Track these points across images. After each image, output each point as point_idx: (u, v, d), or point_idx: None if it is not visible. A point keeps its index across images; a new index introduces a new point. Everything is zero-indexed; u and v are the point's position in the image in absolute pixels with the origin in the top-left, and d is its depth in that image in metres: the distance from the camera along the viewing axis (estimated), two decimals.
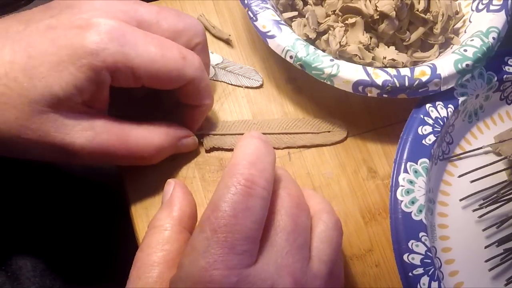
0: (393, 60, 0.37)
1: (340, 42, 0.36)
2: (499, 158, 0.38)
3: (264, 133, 0.35)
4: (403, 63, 0.37)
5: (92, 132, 0.28)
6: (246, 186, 0.24)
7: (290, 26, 0.38)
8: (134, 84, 0.29)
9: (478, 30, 0.38)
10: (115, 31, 0.27)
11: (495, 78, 0.39)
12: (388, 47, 0.38)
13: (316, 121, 0.37)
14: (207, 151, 0.35)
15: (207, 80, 0.31)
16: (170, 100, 0.34)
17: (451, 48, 0.39)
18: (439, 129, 0.35)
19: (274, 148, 0.34)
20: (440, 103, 0.36)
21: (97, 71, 0.26)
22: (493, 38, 0.37)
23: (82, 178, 0.42)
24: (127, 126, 0.30)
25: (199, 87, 0.31)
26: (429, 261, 0.32)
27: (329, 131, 0.36)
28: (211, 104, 0.33)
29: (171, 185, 0.29)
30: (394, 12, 0.36)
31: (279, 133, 0.36)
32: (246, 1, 0.36)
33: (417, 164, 0.34)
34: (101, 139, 0.28)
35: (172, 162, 0.35)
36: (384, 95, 0.35)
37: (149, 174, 0.35)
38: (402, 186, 0.33)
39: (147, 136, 0.30)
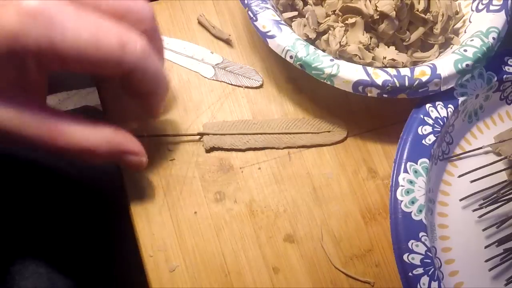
0: (393, 60, 0.37)
1: (340, 42, 0.36)
2: (499, 158, 0.38)
3: (264, 133, 0.35)
4: (403, 63, 0.37)
5: (19, 120, 0.25)
6: None
7: (290, 26, 0.38)
8: (65, 69, 0.26)
9: (478, 30, 0.38)
10: (39, 10, 0.23)
11: (495, 78, 0.39)
12: (388, 47, 0.38)
13: (316, 121, 0.37)
14: (207, 151, 0.35)
15: (155, 68, 0.28)
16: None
17: (451, 48, 0.39)
18: (439, 129, 0.35)
19: (274, 148, 0.35)
20: (440, 103, 0.36)
21: (16, 55, 0.23)
22: (493, 38, 0.37)
23: (81, 178, 0.42)
24: (65, 120, 0.27)
25: (142, 78, 0.27)
26: (429, 261, 0.32)
27: (329, 131, 0.36)
28: (165, 91, 0.30)
29: None
30: (394, 12, 0.36)
31: (279, 133, 0.36)
32: (246, 1, 0.36)
33: (417, 164, 0.34)
34: (29, 127, 0.25)
35: (172, 161, 0.35)
36: (384, 95, 0.35)
37: (149, 174, 0.35)
38: (402, 186, 0.33)
39: (82, 140, 0.27)
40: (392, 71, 0.35)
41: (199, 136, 0.35)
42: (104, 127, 0.28)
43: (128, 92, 0.29)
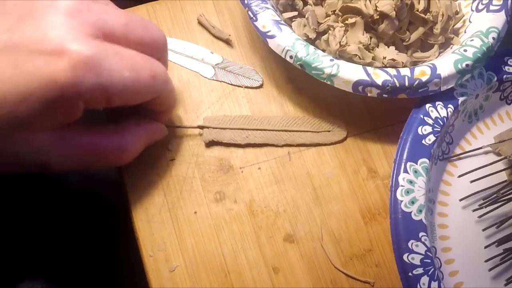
0: (393, 60, 0.37)
1: (340, 42, 0.36)
2: (499, 158, 0.38)
3: (263, 129, 0.36)
4: (403, 63, 0.37)
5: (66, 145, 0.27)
6: None
7: (290, 26, 0.38)
8: (106, 105, 0.27)
9: (478, 30, 0.38)
10: (90, 60, 0.24)
11: (495, 78, 0.39)
12: (388, 47, 0.38)
13: (316, 120, 0.37)
14: (206, 145, 0.36)
15: (171, 87, 0.31)
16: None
17: (451, 48, 0.39)
18: (439, 129, 0.35)
19: (273, 145, 0.35)
20: (440, 103, 0.37)
21: (71, 103, 0.25)
22: (493, 38, 0.37)
23: (81, 181, 0.42)
24: (98, 134, 0.29)
25: (166, 98, 0.31)
26: (429, 261, 0.32)
27: (329, 131, 0.36)
28: (175, 106, 0.33)
29: None
30: (394, 12, 0.36)
31: (279, 130, 0.36)
32: (246, 1, 0.36)
33: (417, 164, 0.34)
34: (76, 156, 0.28)
35: (172, 161, 0.35)
36: (384, 95, 0.35)
37: (149, 174, 0.35)
38: (402, 186, 0.33)
39: (121, 144, 0.30)
40: (392, 71, 0.35)
41: (199, 130, 0.36)
42: (130, 126, 0.31)
43: (145, 111, 0.32)
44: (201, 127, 0.35)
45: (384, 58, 0.37)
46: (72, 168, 0.29)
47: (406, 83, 0.34)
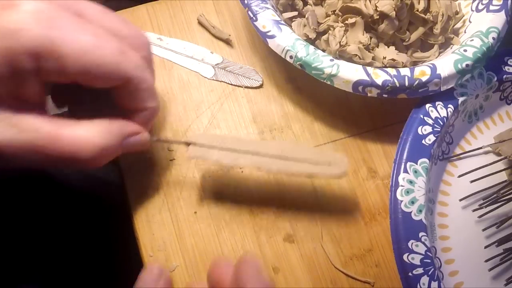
0: (393, 60, 0.37)
1: (340, 42, 0.36)
2: (499, 158, 0.38)
3: (255, 154, 0.32)
4: (403, 63, 0.37)
5: (16, 129, 0.24)
6: None
7: (290, 26, 0.38)
8: (63, 78, 0.25)
9: (478, 30, 0.38)
10: (41, 11, 0.23)
11: (495, 78, 0.39)
12: (388, 47, 0.38)
13: (317, 150, 0.33)
14: (191, 159, 0.33)
15: (150, 82, 0.28)
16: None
17: (451, 48, 0.39)
18: (439, 129, 0.35)
19: (263, 171, 0.31)
20: (440, 103, 0.36)
21: (15, 55, 0.23)
22: (493, 38, 0.37)
23: (80, 183, 0.42)
24: (63, 123, 0.26)
25: (138, 88, 0.27)
26: (429, 261, 0.32)
27: (329, 164, 0.32)
28: (156, 109, 0.30)
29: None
30: (394, 12, 0.36)
31: (273, 157, 0.31)
32: (246, 1, 0.36)
33: (417, 164, 0.34)
34: (27, 138, 0.25)
35: (172, 161, 0.35)
36: (384, 95, 0.35)
37: (149, 174, 0.35)
38: (402, 186, 0.33)
39: (85, 135, 0.26)
40: (392, 71, 0.35)
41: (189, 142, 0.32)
42: (97, 120, 0.28)
43: (121, 104, 0.29)
44: (188, 143, 0.32)
45: (384, 58, 0.37)
46: (26, 159, 0.26)
47: (406, 83, 0.34)
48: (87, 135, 0.26)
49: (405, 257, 0.32)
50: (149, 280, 0.28)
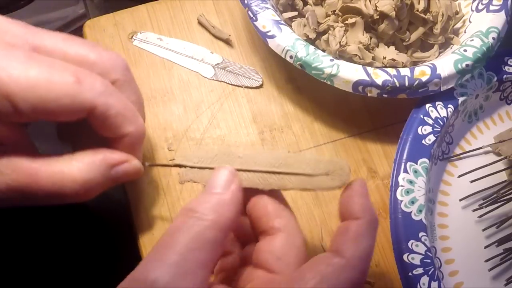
0: (393, 60, 0.37)
1: (340, 42, 0.36)
2: (499, 158, 0.38)
3: (247, 170, 0.28)
4: (403, 63, 0.37)
5: None
6: None
7: (290, 26, 0.38)
8: (23, 117, 0.24)
9: (478, 30, 0.38)
10: None
11: (495, 78, 0.39)
12: (388, 47, 0.38)
13: (313, 159, 0.29)
14: (183, 183, 0.30)
15: (121, 105, 0.26)
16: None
17: (451, 48, 0.39)
18: (439, 129, 0.35)
19: (258, 189, 0.28)
20: (440, 103, 0.36)
21: None
22: (493, 38, 0.37)
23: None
24: (40, 160, 0.25)
25: (107, 115, 0.25)
26: (429, 261, 0.32)
27: (327, 174, 0.28)
28: (138, 132, 0.28)
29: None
30: (394, 12, 0.36)
31: (265, 172, 0.28)
32: (246, 1, 0.36)
33: (417, 164, 0.34)
34: (3, 179, 0.24)
35: (172, 161, 0.35)
36: (384, 95, 0.35)
37: (149, 174, 0.35)
38: (402, 186, 0.33)
39: (64, 171, 0.25)
40: (392, 71, 0.35)
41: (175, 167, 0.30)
42: (80, 152, 0.27)
43: (100, 134, 0.27)
44: (178, 166, 0.30)
45: (384, 58, 0.37)
46: (10, 200, 0.25)
47: (406, 83, 0.34)
48: (66, 170, 0.25)
49: (405, 257, 0.32)
50: (220, 182, 0.25)
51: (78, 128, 0.28)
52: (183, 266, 0.21)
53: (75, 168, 0.25)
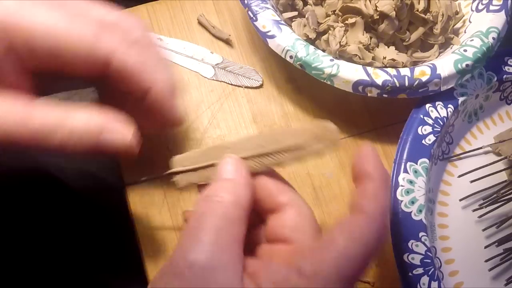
0: (393, 60, 0.37)
1: (340, 42, 0.36)
2: (499, 158, 0.38)
3: (241, 156, 0.28)
4: (403, 63, 0.37)
5: None
6: None
7: (290, 26, 0.38)
8: (36, 61, 0.24)
9: (478, 30, 0.38)
10: None
11: (495, 78, 0.39)
12: (388, 47, 0.38)
13: (298, 129, 0.28)
14: (183, 187, 0.30)
15: (139, 58, 0.26)
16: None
17: (451, 48, 0.39)
18: (439, 129, 0.35)
19: (257, 173, 0.28)
20: (440, 103, 0.36)
21: None
22: (493, 38, 0.37)
23: (80, 180, 0.42)
24: (37, 105, 0.24)
25: (126, 66, 0.25)
26: (429, 261, 0.32)
27: (316, 139, 0.27)
28: (163, 83, 0.27)
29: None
30: (394, 12, 0.36)
31: (258, 155, 0.28)
32: (246, 1, 0.36)
33: (417, 164, 0.34)
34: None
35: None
36: (384, 95, 0.35)
37: (149, 174, 0.35)
38: (402, 186, 0.33)
39: (59, 118, 0.24)
40: (392, 71, 0.35)
41: (168, 176, 0.29)
42: (83, 109, 0.25)
43: (122, 92, 0.26)
44: (172, 174, 0.29)
45: (384, 58, 0.37)
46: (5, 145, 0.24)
47: (406, 83, 0.34)
48: (60, 119, 0.24)
49: (405, 257, 0.32)
50: (229, 169, 0.26)
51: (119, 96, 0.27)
52: (217, 243, 0.22)
53: (72, 119, 0.24)
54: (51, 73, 0.25)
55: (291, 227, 0.25)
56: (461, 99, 0.37)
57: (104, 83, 0.26)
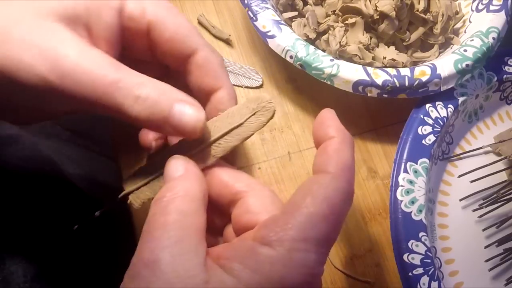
0: (393, 60, 0.37)
1: (340, 42, 0.36)
2: (499, 158, 0.38)
3: (186, 155, 0.26)
4: (403, 63, 0.37)
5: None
6: None
7: (290, 26, 0.38)
8: (146, 47, 0.26)
9: (478, 30, 0.38)
10: None
11: (495, 78, 0.39)
12: (388, 47, 0.38)
13: (234, 109, 0.27)
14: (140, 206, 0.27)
15: (220, 60, 0.28)
16: None
17: (451, 48, 0.39)
18: (439, 129, 0.35)
19: (206, 167, 0.27)
20: (440, 103, 0.36)
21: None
22: (493, 38, 0.37)
23: (81, 180, 0.42)
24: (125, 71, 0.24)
25: (210, 61, 0.27)
26: (429, 261, 0.32)
27: (254, 114, 0.27)
28: (209, 48, 0.27)
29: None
30: (394, 12, 0.36)
31: (203, 148, 0.27)
32: (246, 1, 0.36)
33: (417, 164, 0.34)
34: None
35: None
36: (384, 95, 0.35)
37: None
38: (402, 186, 0.33)
39: (132, 82, 0.24)
40: (392, 71, 0.35)
41: (123, 198, 0.27)
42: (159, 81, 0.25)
43: (198, 84, 0.27)
44: (126, 195, 0.27)
45: (384, 58, 0.37)
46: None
47: (406, 83, 0.34)
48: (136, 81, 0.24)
49: (405, 257, 0.32)
50: (174, 168, 0.25)
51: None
52: (169, 238, 0.22)
53: (149, 89, 0.24)
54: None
55: (253, 212, 0.24)
56: (461, 99, 0.37)
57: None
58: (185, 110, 0.24)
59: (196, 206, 0.23)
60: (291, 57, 0.35)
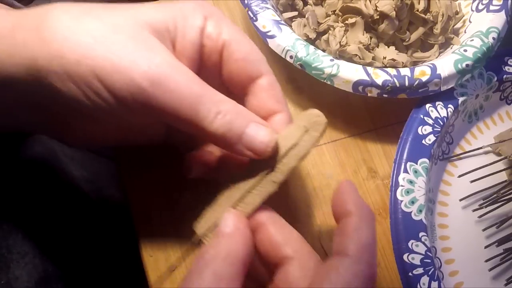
0: (393, 60, 0.37)
1: (340, 42, 0.36)
2: (499, 158, 0.38)
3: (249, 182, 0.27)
4: (403, 63, 0.37)
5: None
6: None
7: (290, 26, 0.38)
8: (216, 66, 0.27)
9: (478, 30, 0.38)
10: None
11: (495, 78, 0.39)
12: (388, 47, 0.38)
13: (287, 132, 0.27)
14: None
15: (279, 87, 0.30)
16: None
17: (451, 48, 0.39)
18: (439, 129, 0.35)
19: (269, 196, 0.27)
20: (440, 103, 0.37)
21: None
22: (493, 38, 0.37)
23: (82, 179, 0.42)
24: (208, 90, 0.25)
25: (273, 85, 0.29)
26: (429, 261, 0.32)
27: (307, 131, 0.27)
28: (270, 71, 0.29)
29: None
30: (394, 12, 0.36)
31: (263, 177, 0.27)
32: (246, 1, 0.36)
33: (417, 164, 0.34)
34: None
35: (175, 160, 0.35)
36: (384, 95, 0.35)
37: (150, 173, 0.35)
38: (402, 186, 0.33)
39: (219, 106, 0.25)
40: (392, 71, 0.35)
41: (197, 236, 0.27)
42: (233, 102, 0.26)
43: (259, 105, 0.28)
44: (202, 238, 0.27)
45: (384, 58, 0.37)
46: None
47: (406, 83, 0.34)
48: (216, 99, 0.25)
49: (405, 257, 0.32)
50: (226, 225, 0.25)
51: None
52: None
53: (225, 107, 0.25)
54: None
55: (291, 283, 0.24)
56: (461, 99, 0.37)
57: None
58: (259, 131, 0.25)
59: (235, 270, 0.23)
60: (291, 57, 0.35)
